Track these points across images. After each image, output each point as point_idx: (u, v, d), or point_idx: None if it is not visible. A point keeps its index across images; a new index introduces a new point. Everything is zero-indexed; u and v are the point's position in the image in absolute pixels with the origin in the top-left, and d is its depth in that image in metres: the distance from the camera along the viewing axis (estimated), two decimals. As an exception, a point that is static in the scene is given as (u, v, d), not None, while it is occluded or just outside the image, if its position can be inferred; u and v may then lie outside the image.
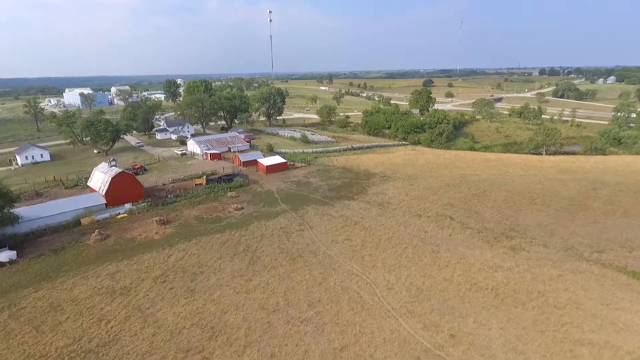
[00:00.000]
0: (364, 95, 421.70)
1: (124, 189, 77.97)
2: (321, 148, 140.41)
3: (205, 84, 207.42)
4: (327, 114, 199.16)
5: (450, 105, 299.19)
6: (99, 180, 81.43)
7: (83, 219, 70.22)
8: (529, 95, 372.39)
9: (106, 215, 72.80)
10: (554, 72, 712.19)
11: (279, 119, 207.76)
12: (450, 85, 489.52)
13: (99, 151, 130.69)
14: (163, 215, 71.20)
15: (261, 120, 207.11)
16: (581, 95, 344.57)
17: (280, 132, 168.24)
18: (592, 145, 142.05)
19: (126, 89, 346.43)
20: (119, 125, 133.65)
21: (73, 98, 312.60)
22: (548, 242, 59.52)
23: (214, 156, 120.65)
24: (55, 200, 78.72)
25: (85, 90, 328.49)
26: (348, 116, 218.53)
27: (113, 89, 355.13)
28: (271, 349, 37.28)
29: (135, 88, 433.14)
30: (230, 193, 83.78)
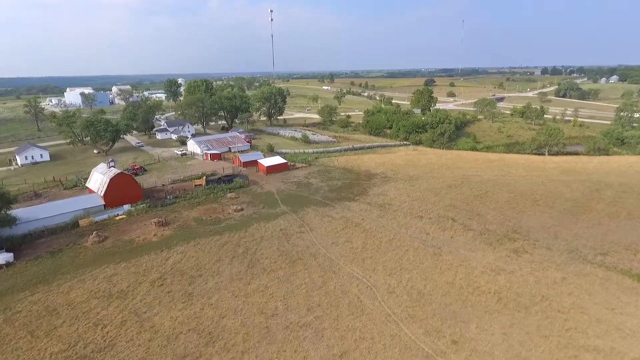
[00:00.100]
0: (365, 94, 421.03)
1: (122, 190, 77.36)
2: (322, 148, 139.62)
3: (206, 84, 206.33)
4: (328, 114, 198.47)
5: (452, 104, 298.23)
6: (97, 181, 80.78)
7: (81, 221, 69.61)
8: (531, 94, 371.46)
9: (104, 216, 72.20)
10: (556, 72, 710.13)
11: (279, 118, 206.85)
12: (451, 84, 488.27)
13: (98, 151, 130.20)
14: (162, 216, 70.57)
15: (262, 120, 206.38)
16: (583, 95, 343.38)
17: (281, 132, 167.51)
18: (595, 145, 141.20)
19: (127, 88, 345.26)
20: (118, 125, 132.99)
21: (74, 98, 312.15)
22: (551, 245, 58.68)
23: (214, 156, 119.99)
24: (53, 201, 78.21)
25: (86, 90, 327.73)
26: (349, 116, 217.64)
27: (114, 89, 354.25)
28: (269, 355, 36.58)
29: (137, 87, 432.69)
30: (230, 194, 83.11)
